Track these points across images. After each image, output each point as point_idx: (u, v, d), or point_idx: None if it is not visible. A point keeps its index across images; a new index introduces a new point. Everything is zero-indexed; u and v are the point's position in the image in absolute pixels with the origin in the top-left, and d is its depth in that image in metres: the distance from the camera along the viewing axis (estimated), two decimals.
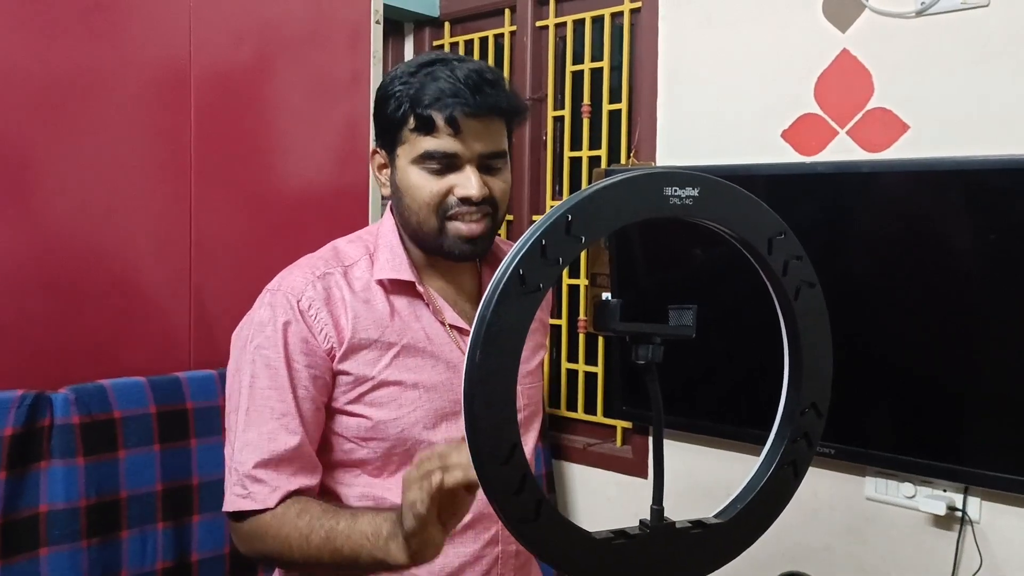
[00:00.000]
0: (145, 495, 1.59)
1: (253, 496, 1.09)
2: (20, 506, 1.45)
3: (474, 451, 0.71)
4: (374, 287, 1.16)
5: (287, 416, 1.10)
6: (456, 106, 1.08)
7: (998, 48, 1.67)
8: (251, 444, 1.10)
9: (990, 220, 1.61)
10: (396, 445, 1.15)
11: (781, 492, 0.84)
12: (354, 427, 1.15)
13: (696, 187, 0.76)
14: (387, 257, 1.17)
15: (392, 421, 1.14)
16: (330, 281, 1.14)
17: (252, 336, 1.12)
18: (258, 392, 1.11)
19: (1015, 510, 1.68)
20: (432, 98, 1.09)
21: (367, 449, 1.15)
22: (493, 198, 1.14)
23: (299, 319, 1.11)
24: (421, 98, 1.09)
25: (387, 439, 1.15)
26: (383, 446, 1.15)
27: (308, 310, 1.12)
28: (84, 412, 1.52)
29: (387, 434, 1.14)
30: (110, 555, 1.53)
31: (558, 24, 2.43)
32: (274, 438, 1.10)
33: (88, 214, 1.65)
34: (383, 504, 1.14)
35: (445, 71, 1.10)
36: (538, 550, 0.75)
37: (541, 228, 0.71)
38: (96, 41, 1.65)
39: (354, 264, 1.17)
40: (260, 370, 1.11)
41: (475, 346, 0.70)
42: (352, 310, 1.13)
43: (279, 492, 1.09)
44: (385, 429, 1.14)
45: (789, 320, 0.82)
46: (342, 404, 1.14)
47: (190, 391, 1.68)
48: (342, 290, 1.14)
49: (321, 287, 1.13)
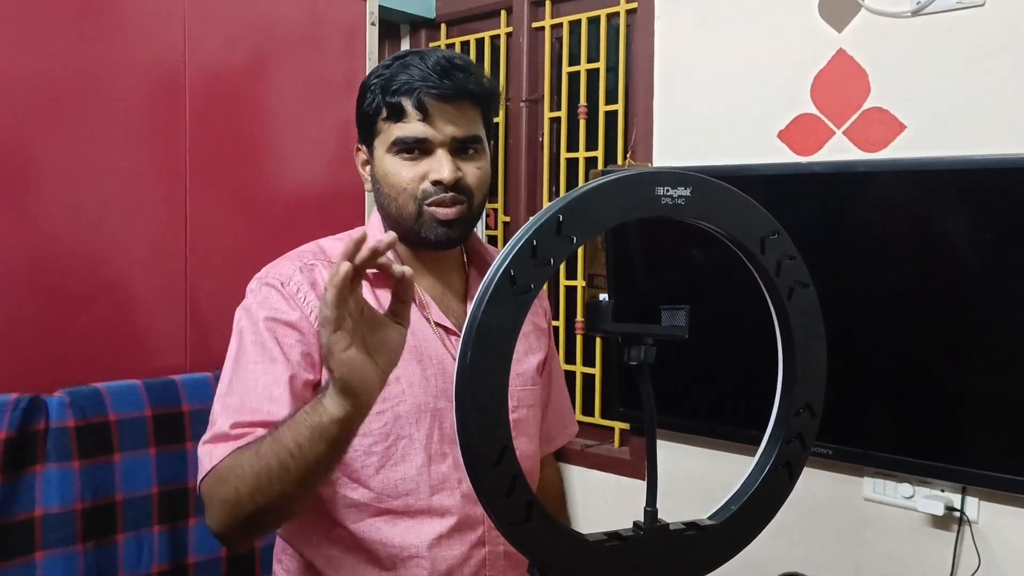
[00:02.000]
0: (141, 498, 1.58)
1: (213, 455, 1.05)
2: (15, 510, 1.44)
3: (465, 453, 0.70)
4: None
5: (273, 386, 1.08)
6: (424, 90, 1.11)
7: (994, 47, 1.67)
8: (232, 405, 1.08)
9: (987, 219, 1.60)
10: (378, 441, 1.13)
11: (776, 493, 0.84)
12: None
13: (688, 187, 0.76)
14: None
15: (375, 416, 1.11)
16: (315, 272, 1.16)
17: (242, 318, 1.15)
18: (244, 366, 1.10)
19: (1013, 510, 1.68)
20: (401, 84, 1.12)
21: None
22: (466, 183, 1.15)
23: (288, 299, 1.13)
24: (390, 86, 1.12)
25: (368, 434, 1.13)
26: (364, 442, 1.13)
27: (296, 293, 1.13)
28: (79, 415, 1.52)
29: (369, 428, 1.12)
30: (106, 559, 1.53)
31: (554, 25, 2.43)
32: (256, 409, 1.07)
33: (83, 217, 1.65)
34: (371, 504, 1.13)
35: (416, 59, 1.13)
36: (530, 553, 0.75)
37: (532, 229, 0.71)
38: (90, 44, 1.65)
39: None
40: (247, 347, 1.11)
41: (466, 347, 0.70)
42: None
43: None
44: (368, 423, 1.09)
45: (783, 320, 0.82)
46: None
47: (185, 394, 1.67)
48: (325, 278, 1.14)
49: (307, 275, 1.15)
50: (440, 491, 1.15)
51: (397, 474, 1.14)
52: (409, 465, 1.14)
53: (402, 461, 1.14)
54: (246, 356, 1.11)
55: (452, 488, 1.16)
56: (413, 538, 1.14)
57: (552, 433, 1.48)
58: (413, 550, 1.14)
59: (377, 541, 1.14)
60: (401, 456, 1.14)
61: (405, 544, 1.14)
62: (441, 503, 1.15)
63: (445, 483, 1.16)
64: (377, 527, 1.14)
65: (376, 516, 1.14)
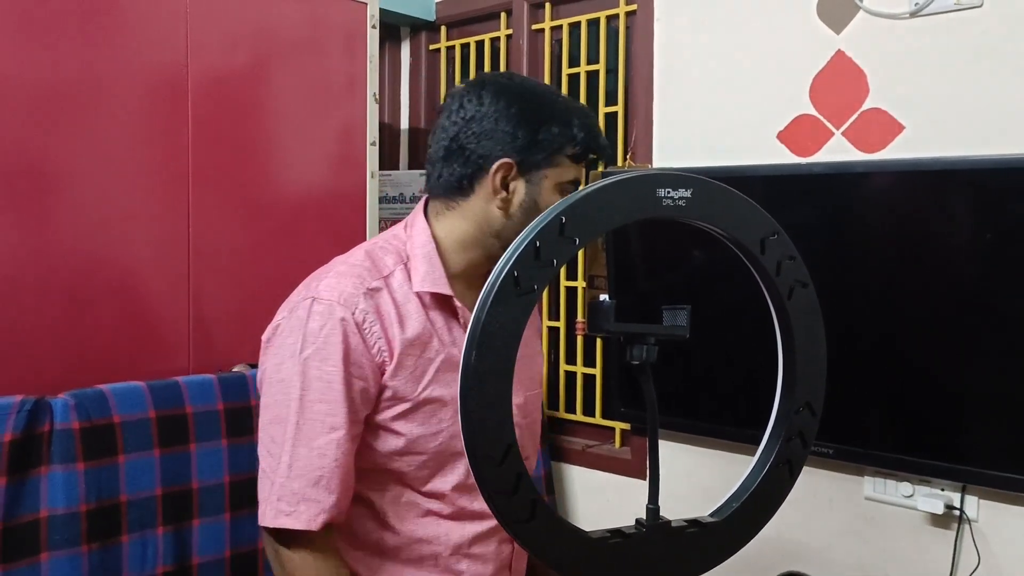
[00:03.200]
0: (145, 500, 1.59)
1: (298, 515, 1.07)
2: (20, 511, 1.45)
3: (470, 452, 0.71)
4: (412, 299, 1.14)
5: (337, 431, 1.07)
6: (606, 148, 1.21)
7: (992, 48, 1.68)
8: (300, 459, 1.07)
9: (986, 220, 1.61)
10: (431, 459, 1.15)
11: (776, 491, 0.85)
12: (391, 442, 1.13)
13: (689, 188, 0.77)
14: (426, 270, 1.15)
15: (430, 436, 1.13)
16: (380, 296, 1.12)
17: (303, 345, 1.08)
18: (308, 405, 1.07)
19: (1013, 508, 1.68)
20: (602, 142, 1.20)
21: (401, 462, 1.14)
22: None
23: (355, 332, 1.09)
24: (597, 138, 1.18)
25: (424, 453, 1.15)
26: (418, 459, 1.15)
27: (363, 323, 1.09)
28: (84, 417, 1.52)
29: (424, 448, 1.14)
30: (110, 560, 1.54)
31: (554, 27, 2.44)
32: (324, 454, 1.07)
33: (87, 220, 1.65)
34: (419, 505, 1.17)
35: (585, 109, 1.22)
36: (534, 550, 0.76)
37: (535, 230, 0.72)
38: (93, 48, 1.66)
39: (391, 274, 1.14)
40: (312, 382, 1.08)
41: (470, 347, 0.71)
42: (397, 325, 1.11)
43: (324, 515, 1.07)
44: (423, 444, 1.13)
45: (783, 320, 0.83)
46: (380, 420, 1.13)
47: (189, 395, 1.68)
48: (388, 304, 1.12)
49: (372, 301, 1.11)
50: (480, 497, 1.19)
51: (446, 485, 1.17)
52: (455, 476, 1.17)
53: (451, 472, 1.17)
54: (310, 395, 1.08)
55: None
56: (457, 537, 1.18)
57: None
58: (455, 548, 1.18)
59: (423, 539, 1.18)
60: (451, 469, 1.17)
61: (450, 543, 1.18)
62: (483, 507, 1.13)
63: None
64: (424, 525, 1.18)
65: (423, 516, 1.18)
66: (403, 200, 2.61)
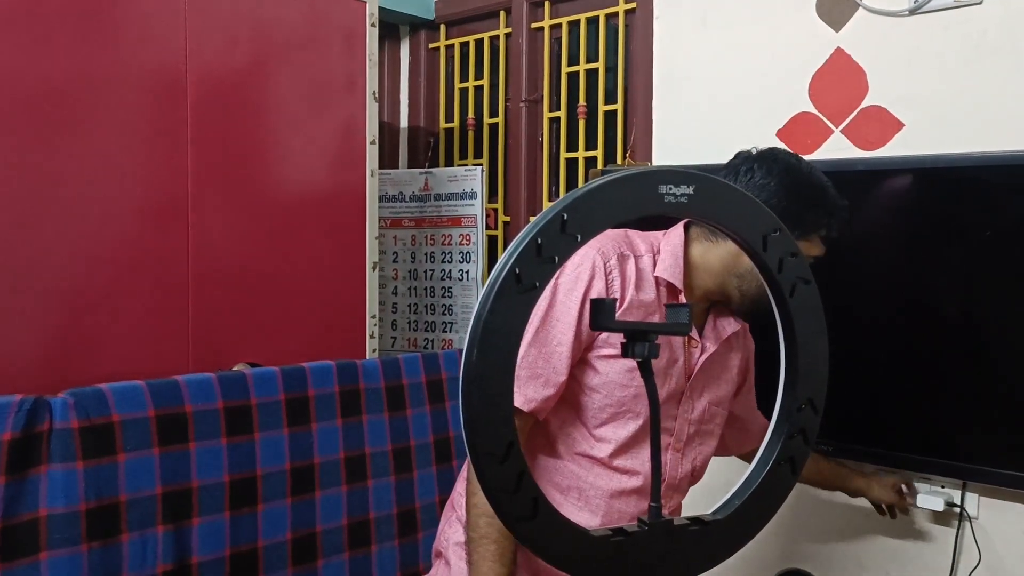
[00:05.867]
0: (144, 498, 1.58)
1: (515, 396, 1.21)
2: (19, 510, 1.44)
3: (471, 448, 0.71)
4: (651, 279, 1.35)
5: (562, 346, 1.30)
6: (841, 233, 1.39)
7: (991, 45, 1.68)
8: (530, 357, 1.30)
9: (985, 216, 1.61)
10: (612, 405, 1.34)
11: (778, 488, 0.84)
12: (589, 376, 1.34)
13: (691, 185, 0.76)
14: (670, 263, 1.36)
15: (621, 386, 1.33)
16: (627, 261, 1.35)
17: (562, 274, 1.32)
18: (549, 320, 1.31)
19: (1013, 506, 1.69)
20: (844, 225, 1.37)
21: (589, 397, 1.34)
22: None
23: (601, 277, 1.32)
24: (844, 224, 1.36)
25: (609, 397, 1.34)
26: (602, 400, 1.34)
27: (609, 273, 1.33)
28: (83, 416, 1.52)
29: (611, 393, 1.33)
30: (110, 559, 1.53)
31: (553, 26, 2.44)
32: (548, 360, 1.30)
33: (86, 218, 1.65)
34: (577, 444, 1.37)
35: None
36: (537, 548, 0.75)
37: (537, 227, 0.71)
38: (92, 48, 1.65)
39: (641, 256, 1.37)
40: (558, 304, 1.31)
41: (472, 344, 0.70)
42: (634, 287, 1.33)
43: (532, 404, 1.30)
44: (612, 390, 1.33)
45: (785, 317, 0.83)
46: (590, 356, 1.33)
47: (189, 394, 1.67)
48: (632, 270, 1.35)
49: (621, 262, 1.34)
50: (637, 457, 1.37)
51: (615, 435, 1.36)
52: (625, 432, 1.35)
53: (622, 428, 1.36)
54: (554, 312, 1.31)
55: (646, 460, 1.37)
56: (604, 484, 1.37)
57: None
58: (599, 491, 1.37)
59: (574, 472, 1.37)
60: (622, 425, 1.36)
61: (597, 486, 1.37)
62: (633, 467, 1.37)
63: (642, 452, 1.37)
64: (577, 461, 1.37)
65: (580, 455, 1.37)
66: (403, 199, 2.60)
